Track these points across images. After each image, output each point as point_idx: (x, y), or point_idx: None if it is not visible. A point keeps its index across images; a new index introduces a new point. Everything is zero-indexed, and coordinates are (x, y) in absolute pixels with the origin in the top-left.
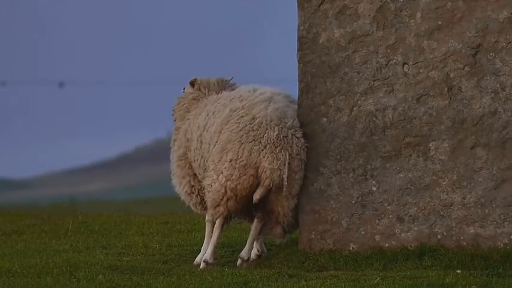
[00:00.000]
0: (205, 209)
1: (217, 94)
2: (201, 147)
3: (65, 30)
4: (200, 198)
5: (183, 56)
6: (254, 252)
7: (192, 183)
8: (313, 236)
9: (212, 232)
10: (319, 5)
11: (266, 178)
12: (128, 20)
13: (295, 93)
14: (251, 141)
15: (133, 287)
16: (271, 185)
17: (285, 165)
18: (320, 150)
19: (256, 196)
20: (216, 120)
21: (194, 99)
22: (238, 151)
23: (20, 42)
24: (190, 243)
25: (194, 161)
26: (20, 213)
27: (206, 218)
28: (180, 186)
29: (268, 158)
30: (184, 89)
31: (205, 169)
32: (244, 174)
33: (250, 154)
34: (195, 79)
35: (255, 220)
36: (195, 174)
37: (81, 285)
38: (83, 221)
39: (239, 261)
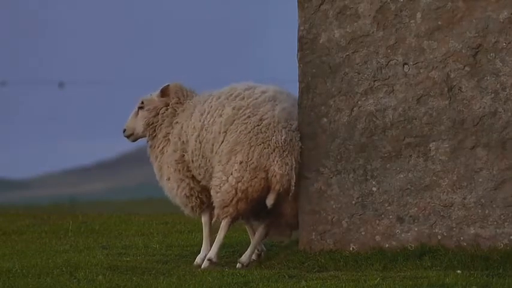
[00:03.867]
0: (203, 211)
1: (191, 99)
2: (200, 147)
3: (64, 30)
4: (200, 200)
5: (183, 57)
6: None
7: (192, 185)
8: (313, 237)
9: (209, 233)
10: (320, 5)
11: (277, 183)
12: (128, 20)
13: (295, 94)
14: (260, 144)
15: (133, 287)
16: (280, 190)
17: (292, 170)
18: (320, 150)
19: (270, 201)
20: (216, 119)
21: (178, 103)
22: (248, 153)
23: (20, 42)
24: (191, 243)
25: (193, 161)
26: (19, 213)
27: (203, 220)
28: (178, 190)
29: (277, 162)
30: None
31: (206, 169)
32: (255, 177)
33: (260, 157)
34: (168, 85)
35: (261, 226)
36: (193, 176)
37: (81, 286)
38: (83, 221)
39: (239, 265)
